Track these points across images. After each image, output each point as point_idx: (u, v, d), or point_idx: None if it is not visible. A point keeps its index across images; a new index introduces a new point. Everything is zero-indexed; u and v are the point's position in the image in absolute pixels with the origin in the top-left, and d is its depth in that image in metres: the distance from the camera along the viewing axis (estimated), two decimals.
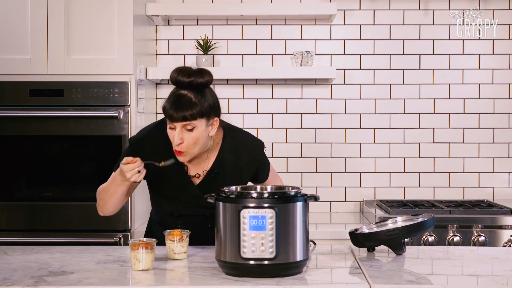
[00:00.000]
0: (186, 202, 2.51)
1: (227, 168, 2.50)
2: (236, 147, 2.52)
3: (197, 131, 2.35)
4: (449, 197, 3.87)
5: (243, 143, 2.55)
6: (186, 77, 2.33)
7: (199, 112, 2.33)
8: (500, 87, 3.89)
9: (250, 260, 1.99)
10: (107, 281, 1.99)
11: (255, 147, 2.58)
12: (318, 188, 3.89)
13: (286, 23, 3.90)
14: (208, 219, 2.50)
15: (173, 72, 2.37)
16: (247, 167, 2.54)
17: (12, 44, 3.32)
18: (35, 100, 3.30)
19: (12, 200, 3.34)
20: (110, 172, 3.35)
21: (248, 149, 2.55)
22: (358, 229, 2.40)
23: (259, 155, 2.58)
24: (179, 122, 2.32)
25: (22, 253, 2.37)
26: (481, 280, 2.04)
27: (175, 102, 2.33)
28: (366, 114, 3.90)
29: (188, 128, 2.34)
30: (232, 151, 2.52)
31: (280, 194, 2.04)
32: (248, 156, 2.54)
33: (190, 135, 2.35)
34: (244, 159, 2.52)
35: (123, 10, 3.32)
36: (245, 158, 2.53)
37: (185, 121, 2.32)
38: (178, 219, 2.55)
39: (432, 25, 3.88)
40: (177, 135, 2.34)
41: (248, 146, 2.56)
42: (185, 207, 2.52)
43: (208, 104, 2.36)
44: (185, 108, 2.31)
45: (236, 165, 2.51)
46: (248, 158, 2.54)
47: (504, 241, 3.24)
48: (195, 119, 2.33)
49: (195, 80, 2.33)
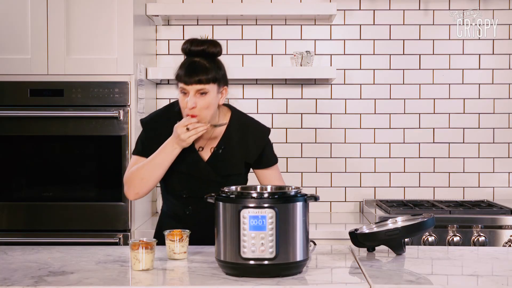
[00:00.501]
0: (196, 177, 2.54)
1: (233, 144, 2.57)
2: (243, 126, 2.61)
3: (209, 96, 2.45)
4: (449, 197, 3.87)
5: (250, 123, 2.65)
6: (199, 46, 2.48)
7: (212, 77, 2.44)
8: (500, 87, 3.89)
9: (250, 260, 1.99)
10: (107, 281, 1.99)
11: (261, 129, 2.66)
12: (318, 188, 3.89)
13: (286, 23, 3.90)
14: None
15: (185, 43, 2.51)
16: (253, 146, 2.59)
17: (12, 44, 3.32)
18: (35, 100, 3.30)
19: (12, 200, 3.34)
20: (110, 172, 3.35)
21: (255, 129, 2.64)
22: (358, 229, 2.40)
23: (265, 137, 2.64)
24: (194, 85, 2.42)
25: (22, 253, 2.37)
26: (481, 280, 2.04)
27: (189, 67, 2.45)
28: (366, 114, 3.90)
29: (201, 92, 2.43)
30: (239, 129, 2.59)
31: (280, 194, 2.04)
32: (255, 135, 2.61)
33: (203, 99, 2.44)
34: (250, 138, 2.59)
35: (123, 10, 3.32)
36: (251, 137, 2.60)
37: (200, 84, 2.42)
38: (187, 204, 2.56)
39: (432, 25, 3.88)
40: (190, 99, 2.43)
41: (255, 126, 2.65)
42: (194, 184, 2.54)
43: (220, 72, 2.50)
44: (200, 72, 2.43)
45: (243, 143, 2.57)
46: (255, 138, 2.60)
47: (504, 241, 3.24)
48: (209, 83, 2.44)
49: (207, 49, 2.48)
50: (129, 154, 3.28)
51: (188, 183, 2.56)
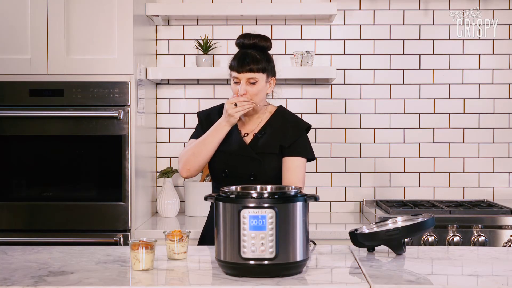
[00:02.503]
0: (236, 154, 2.75)
1: (273, 131, 2.78)
2: (285, 116, 2.85)
3: (258, 85, 2.72)
4: (449, 197, 3.87)
5: (292, 115, 2.88)
6: (251, 40, 2.76)
7: (262, 68, 2.72)
8: (500, 87, 3.89)
9: (250, 260, 1.99)
10: (107, 281, 1.99)
11: (301, 122, 2.86)
12: (318, 188, 3.89)
13: (286, 23, 3.90)
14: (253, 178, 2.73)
15: (239, 37, 2.79)
16: (290, 133, 2.77)
17: (12, 44, 3.32)
18: (35, 100, 3.30)
19: (12, 200, 3.34)
20: (110, 172, 3.36)
21: (295, 121, 2.84)
22: (358, 229, 2.40)
23: (303, 129, 2.81)
24: (245, 73, 2.69)
25: (22, 253, 2.37)
26: (481, 280, 2.04)
27: (241, 57, 2.72)
28: (366, 114, 3.90)
29: (252, 82, 2.71)
30: (281, 119, 2.82)
31: (280, 194, 2.04)
32: (294, 126, 2.80)
33: (253, 88, 2.72)
34: (289, 126, 2.79)
35: (123, 10, 3.32)
36: (291, 126, 2.79)
37: (251, 72, 2.70)
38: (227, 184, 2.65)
39: (432, 25, 3.88)
40: (242, 86, 2.71)
41: (296, 119, 2.87)
42: (234, 161, 2.75)
43: (269, 63, 2.77)
44: (251, 62, 2.70)
45: (282, 129, 2.78)
46: (293, 127, 2.79)
47: (504, 241, 3.24)
48: (259, 73, 2.72)
49: (258, 42, 2.76)
50: (129, 154, 3.28)
51: (228, 161, 2.76)
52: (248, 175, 2.73)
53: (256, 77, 2.71)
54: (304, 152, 2.78)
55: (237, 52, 2.78)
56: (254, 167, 2.73)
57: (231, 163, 2.76)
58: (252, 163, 2.73)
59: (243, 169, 2.74)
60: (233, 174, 2.75)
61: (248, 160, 2.74)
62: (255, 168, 2.73)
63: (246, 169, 2.74)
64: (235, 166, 2.76)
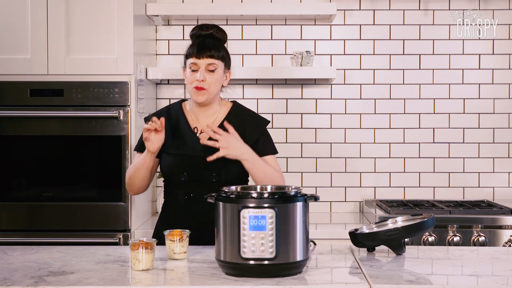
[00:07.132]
0: (193, 156, 2.63)
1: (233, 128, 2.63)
2: (242, 114, 2.76)
3: (217, 73, 2.64)
4: (449, 197, 3.87)
5: (249, 112, 2.79)
6: (208, 30, 2.68)
7: (222, 56, 2.65)
8: (500, 87, 3.89)
9: (250, 260, 1.99)
10: (107, 281, 1.99)
11: (260, 118, 2.78)
12: (318, 188, 3.89)
13: (286, 23, 3.90)
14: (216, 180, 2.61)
15: (194, 28, 2.70)
16: (251, 132, 2.68)
17: (12, 44, 3.32)
18: (35, 100, 3.30)
19: (12, 200, 3.34)
20: (110, 172, 3.36)
21: (254, 118, 2.77)
22: (358, 229, 2.40)
23: (263, 126, 2.74)
24: (205, 59, 2.61)
25: (22, 253, 2.37)
26: (481, 280, 2.04)
27: (201, 43, 2.64)
28: (366, 114, 3.90)
29: (211, 69, 2.62)
30: (239, 116, 2.73)
31: (280, 194, 2.04)
32: (253, 123, 2.73)
33: (212, 76, 2.62)
34: (249, 125, 2.70)
35: (123, 10, 3.32)
36: (250, 124, 2.71)
37: (211, 58, 2.62)
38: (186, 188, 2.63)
39: (432, 25, 3.88)
40: (200, 73, 2.61)
41: (253, 116, 2.79)
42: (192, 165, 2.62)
43: (227, 54, 2.71)
44: (212, 48, 2.63)
45: (241, 128, 2.65)
46: (253, 125, 2.72)
47: (504, 241, 3.24)
48: (219, 60, 2.64)
49: (215, 33, 2.69)
50: (129, 154, 3.29)
51: (186, 165, 2.64)
52: (209, 176, 2.62)
53: (216, 64, 2.62)
54: (272, 150, 2.73)
55: (193, 41, 2.69)
56: (216, 168, 2.61)
57: (190, 167, 2.63)
58: (214, 163, 2.57)
59: (203, 170, 2.61)
60: (193, 177, 2.63)
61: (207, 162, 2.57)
62: (217, 169, 2.61)
63: (206, 170, 2.61)
64: (194, 168, 2.63)
